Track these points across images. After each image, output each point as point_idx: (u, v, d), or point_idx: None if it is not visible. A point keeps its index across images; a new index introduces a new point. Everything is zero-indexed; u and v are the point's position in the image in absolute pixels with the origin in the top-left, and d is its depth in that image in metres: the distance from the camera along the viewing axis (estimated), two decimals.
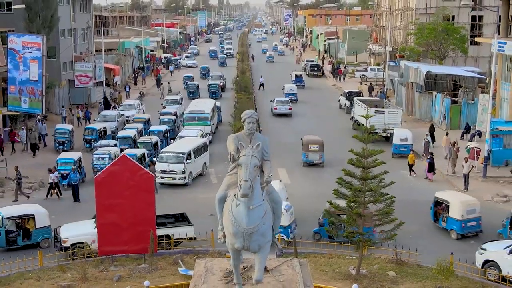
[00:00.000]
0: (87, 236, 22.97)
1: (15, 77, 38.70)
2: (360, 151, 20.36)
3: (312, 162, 37.64)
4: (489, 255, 21.25)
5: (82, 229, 23.63)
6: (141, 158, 33.69)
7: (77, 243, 22.62)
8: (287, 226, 23.59)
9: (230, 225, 11.86)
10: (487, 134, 34.94)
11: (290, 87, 62.14)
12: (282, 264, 13.85)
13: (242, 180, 11.36)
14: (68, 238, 22.96)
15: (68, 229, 23.79)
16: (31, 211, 24.73)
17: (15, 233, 24.11)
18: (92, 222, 23.57)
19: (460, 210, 25.53)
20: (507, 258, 20.62)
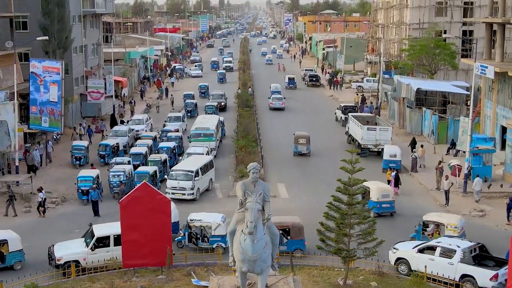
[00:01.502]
0: (79, 254, 26.03)
1: (36, 99, 42.26)
2: (347, 180, 23.83)
3: (301, 152, 47.05)
4: (400, 253, 26.03)
5: (74, 247, 26.54)
6: (153, 175, 37.23)
7: (70, 261, 25.63)
8: (224, 236, 27.21)
9: (239, 254, 15.36)
10: (467, 153, 38.41)
11: (275, 86, 75.23)
12: (279, 281, 17.30)
13: (248, 221, 14.85)
14: (61, 256, 25.84)
15: (61, 248, 26.50)
16: (5, 237, 26.51)
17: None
18: (82, 241, 26.85)
19: (376, 194, 33.01)
20: (415, 256, 25.43)
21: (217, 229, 28.18)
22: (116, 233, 26.27)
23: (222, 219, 28.72)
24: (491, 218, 33.80)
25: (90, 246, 26.22)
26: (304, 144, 47.26)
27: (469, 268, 24.44)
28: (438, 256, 24.87)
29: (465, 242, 25.72)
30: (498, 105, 44.93)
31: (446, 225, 28.35)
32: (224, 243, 27.73)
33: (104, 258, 25.95)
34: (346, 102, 65.62)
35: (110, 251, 26.15)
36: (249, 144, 45.20)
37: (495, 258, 25.43)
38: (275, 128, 57.09)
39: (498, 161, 41.91)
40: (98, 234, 26.53)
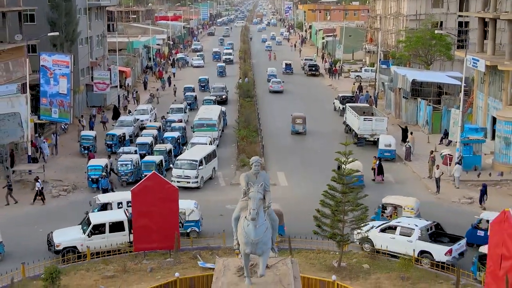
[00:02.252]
0: (77, 241, 27.85)
1: (46, 91, 44.11)
2: (341, 170, 25.75)
3: (298, 131, 52.38)
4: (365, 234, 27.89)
5: (72, 234, 28.34)
6: (159, 164, 39.16)
7: (69, 247, 27.57)
8: (198, 221, 30.06)
9: (243, 237, 17.28)
10: (457, 143, 40.31)
11: (272, 70, 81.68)
12: (278, 262, 19.23)
13: (251, 209, 16.77)
14: (60, 242, 27.70)
15: (60, 235, 28.29)
16: None
17: None
18: (79, 228, 28.71)
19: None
20: (378, 235, 27.76)
21: (191, 215, 30.09)
22: (111, 221, 28.41)
23: (195, 205, 30.69)
24: (479, 205, 35.68)
25: (87, 233, 28.02)
26: (300, 124, 52.51)
27: (426, 245, 27.00)
28: (398, 235, 27.42)
29: (422, 221, 28.42)
30: (490, 97, 46.80)
31: (404, 207, 30.96)
32: (197, 227, 30.06)
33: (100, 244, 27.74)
34: (344, 92, 67.42)
35: (106, 238, 28.02)
36: (250, 134, 47.08)
37: (449, 235, 28.26)
38: (275, 117, 58.88)
39: (489, 150, 43.78)
40: (94, 221, 28.37)
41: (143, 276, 25.20)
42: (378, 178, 39.36)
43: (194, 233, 29.90)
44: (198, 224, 30.16)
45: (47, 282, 23.68)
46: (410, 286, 24.38)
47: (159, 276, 25.02)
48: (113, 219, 28.62)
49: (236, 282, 17.97)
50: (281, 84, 73.99)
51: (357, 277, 24.95)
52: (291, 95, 71.24)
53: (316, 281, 23.02)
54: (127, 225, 28.19)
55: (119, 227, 28.30)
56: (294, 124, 52.74)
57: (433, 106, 52.43)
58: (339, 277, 23.85)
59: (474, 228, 29.59)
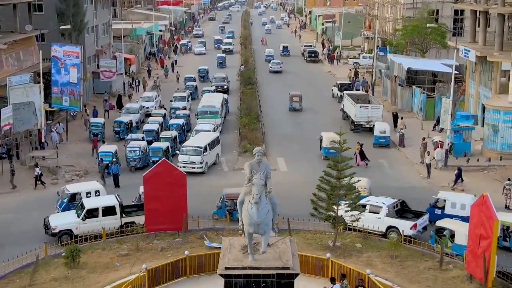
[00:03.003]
0: (72, 224, 29.85)
1: (57, 80, 46.28)
2: (337, 158, 28.03)
3: (295, 108, 58.39)
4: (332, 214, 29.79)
5: (67, 218, 30.38)
6: (166, 150, 41.42)
7: (64, 230, 29.59)
8: None
9: (247, 219, 19.57)
10: (448, 131, 42.55)
11: (269, 51, 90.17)
12: (278, 241, 21.51)
13: (254, 194, 19.04)
14: (56, 226, 29.72)
15: (55, 219, 30.32)
16: None
17: None
18: (74, 212, 30.82)
19: (325, 141, 41.91)
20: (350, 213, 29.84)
21: None
22: (104, 206, 30.51)
23: None
24: (467, 189, 37.88)
25: (81, 216, 30.11)
26: (297, 101, 58.68)
27: (393, 220, 29.97)
28: (368, 212, 30.01)
29: (389, 199, 31.05)
30: (480, 85, 48.97)
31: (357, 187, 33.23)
32: None
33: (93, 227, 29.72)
34: (342, 80, 69.56)
35: (99, 221, 30.10)
36: (252, 121, 49.29)
37: (413, 211, 31.29)
38: (276, 105, 61.07)
39: (479, 136, 45.99)
40: (88, 206, 30.40)
41: (154, 254, 27.54)
42: (361, 163, 41.57)
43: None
44: None
45: (68, 260, 26.09)
46: (398, 264, 26.71)
47: (169, 254, 27.34)
48: (106, 204, 30.69)
49: (241, 258, 20.28)
50: (280, 65, 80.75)
51: (350, 255, 27.28)
52: (291, 81, 73.26)
53: (312, 259, 25.35)
54: (119, 209, 30.46)
55: (111, 211, 30.40)
56: (291, 102, 58.60)
57: (427, 94, 54.56)
58: (334, 255, 26.16)
59: (432, 207, 32.45)
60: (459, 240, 27.42)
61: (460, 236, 27.45)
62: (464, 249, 26.26)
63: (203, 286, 24.28)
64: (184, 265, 25.20)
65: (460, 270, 25.81)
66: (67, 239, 29.31)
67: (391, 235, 29.61)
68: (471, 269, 24.85)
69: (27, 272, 25.78)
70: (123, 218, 30.47)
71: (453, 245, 27.66)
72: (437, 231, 28.52)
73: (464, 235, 26.52)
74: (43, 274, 25.68)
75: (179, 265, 25.09)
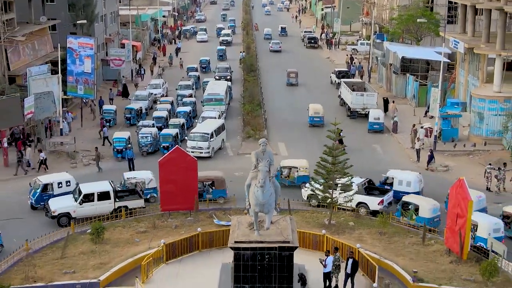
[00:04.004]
0: (70, 207, 32.50)
1: (72, 70, 49.43)
2: (332, 146, 31.35)
3: (292, 83, 66.73)
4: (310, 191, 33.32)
5: (65, 202, 32.92)
6: (175, 136, 44.68)
7: (63, 213, 32.32)
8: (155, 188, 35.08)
9: (253, 200, 22.90)
10: (436, 118, 45.78)
11: (267, 30, 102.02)
12: (280, 219, 24.83)
13: (260, 178, 22.35)
14: (56, 209, 32.37)
15: (55, 203, 32.83)
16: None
17: None
18: (71, 197, 33.30)
19: (311, 111, 51.05)
20: None
21: (149, 183, 35.46)
22: (99, 191, 33.19)
23: (152, 175, 35.72)
24: (453, 172, 41.26)
25: (78, 201, 32.69)
26: (294, 77, 67.14)
27: (362, 197, 33.47)
28: (339, 190, 32.30)
29: (357, 178, 34.09)
30: (469, 74, 52.11)
31: (299, 168, 37.31)
32: (155, 193, 35.25)
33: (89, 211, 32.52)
34: (341, 66, 72.68)
35: (95, 205, 32.82)
36: (254, 108, 52.49)
37: (380, 188, 35.02)
38: (277, 92, 64.28)
39: (467, 122, 49.19)
40: (84, 191, 33.00)
41: (169, 231, 30.91)
42: None
43: (153, 198, 35.31)
44: (156, 190, 35.34)
45: (94, 236, 29.48)
46: (386, 239, 30.11)
47: (183, 231, 30.70)
48: (101, 189, 33.34)
49: (248, 233, 23.64)
50: (280, 44, 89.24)
51: (343, 232, 30.67)
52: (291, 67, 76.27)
53: (309, 235, 28.74)
54: (113, 194, 33.32)
55: (105, 196, 33.09)
56: (288, 78, 67.10)
57: (419, 82, 57.70)
58: (329, 232, 29.55)
59: (382, 184, 36.06)
60: (422, 213, 31.47)
61: (423, 210, 31.51)
62: (426, 221, 30.56)
63: (214, 259, 27.61)
64: (196, 240, 28.58)
65: (440, 245, 29.21)
66: (66, 221, 32.32)
67: (361, 210, 33.25)
68: (449, 244, 28.28)
69: (58, 247, 29.17)
70: (117, 203, 33.37)
71: (417, 218, 31.43)
72: (402, 205, 32.40)
73: (427, 209, 31.21)
74: (72, 248, 29.08)
75: (192, 240, 28.46)
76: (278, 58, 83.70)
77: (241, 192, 25.94)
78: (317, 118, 51.33)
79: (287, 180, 37.25)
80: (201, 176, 34.71)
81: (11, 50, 50.01)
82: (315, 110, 51.72)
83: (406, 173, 36.53)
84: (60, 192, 34.50)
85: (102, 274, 26.25)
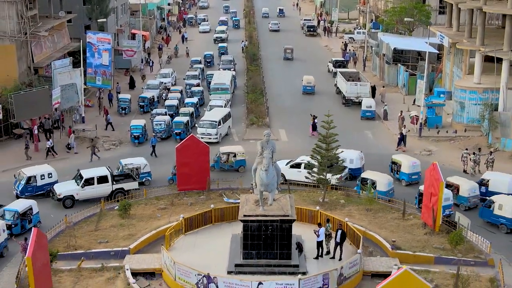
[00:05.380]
0: (73, 191, 37.01)
1: (91, 62, 54.28)
2: (325, 134, 36.32)
3: (288, 57, 78.39)
4: None
5: (69, 186, 37.33)
6: (186, 124, 49.55)
7: (67, 196, 36.91)
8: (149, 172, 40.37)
9: (259, 181, 27.88)
10: (421, 107, 50.65)
11: (265, 9, 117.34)
12: (281, 197, 29.81)
13: (264, 163, 27.34)
14: (61, 193, 36.92)
15: (60, 187, 37.30)
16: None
17: None
18: (74, 181, 37.67)
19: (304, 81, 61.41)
20: (288, 170, 39.61)
21: (144, 168, 40.27)
22: (98, 175, 37.70)
23: (146, 161, 40.85)
24: (435, 156, 46.13)
25: (80, 184, 37.24)
26: (290, 52, 78.79)
27: None
28: (302, 169, 38.26)
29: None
30: (454, 66, 56.87)
31: (236, 153, 42.49)
32: (149, 177, 40.35)
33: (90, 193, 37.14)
34: (337, 55, 77.45)
35: (95, 188, 37.41)
36: (257, 97, 57.32)
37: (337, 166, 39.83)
38: (277, 81, 69.04)
39: (451, 110, 54.01)
40: (85, 176, 37.54)
41: (185, 208, 35.91)
42: (313, 133, 49.82)
43: (147, 181, 40.20)
44: (150, 174, 40.54)
45: (122, 212, 34.52)
46: (371, 215, 35.13)
47: (197, 208, 35.70)
48: (99, 174, 37.92)
49: (254, 209, 28.67)
50: (278, 25, 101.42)
51: (335, 208, 35.70)
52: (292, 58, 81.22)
53: (305, 210, 33.77)
54: (110, 178, 37.85)
55: (104, 180, 37.74)
56: (285, 53, 78.63)
57: (409, 72, 62.45)
58: (322, 208, 34.56)
59: None
60: (380, 187, 37.19)
61: (380, 185, 37.28)
62: (383, 193, 36.77)
63: (225, 230, 32.60)
64: (210, 215, 33.60)
65: (417, 219, 34.28)
66: (70, 203, 36.83)
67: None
68: (425, 218, 33.34)
69: (91, 221, 34.23)
70: (114, 185, 37.96)
71: (375, 192, 36.86)
72: (361, 181, 37.96)
73: (383, 183, 37.11)
74: (103, 222, 34.13)
75: (206, 215, 33.50)
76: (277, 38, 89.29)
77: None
78: (309, 87, 62.99)
79: (227, 165, 42.40)
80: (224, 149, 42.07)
81: (34, 44, 54.71)
82: (308, 80, 63.53)
83: (350, 152, 41.84)
84: (43, 184, 38.24)
85: (131, 243, 31.34)
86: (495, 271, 29.24)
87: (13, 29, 50.95)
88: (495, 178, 37.90)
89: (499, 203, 34.42)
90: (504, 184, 37.21)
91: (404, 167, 40.46)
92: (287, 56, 78.46)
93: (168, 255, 28.69)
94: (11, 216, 33.46)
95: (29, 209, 34.26)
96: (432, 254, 30.55)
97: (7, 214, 33.54)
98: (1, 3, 50.13)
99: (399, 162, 41.02)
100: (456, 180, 37.68)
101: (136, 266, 29.56)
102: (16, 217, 33.44)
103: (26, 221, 33.91)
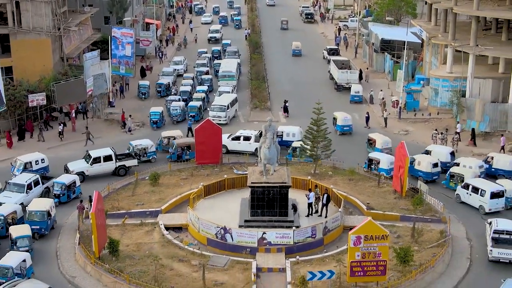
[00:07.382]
0: (84, 168, 44.48)
1: (116, 54, 62.37)
2: (316, 118, 44.66)
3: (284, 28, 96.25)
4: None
5: (80, 164, 44.85)
6: (199, 108, 57.81)
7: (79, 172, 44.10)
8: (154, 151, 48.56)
9: (263, 156, 36.24)
10: (401, 94, 58.89)
11: None
12: (280, 169, 38.09)
13: (267, 143, 35.73)
14: (74, 169, 44.18)
15: (72, 165, 44.68)
16: None
17: None
18: (84, 160, 45.29)
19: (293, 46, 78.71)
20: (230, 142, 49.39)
21: (151, 148, 48.03)
22: (104, 155, 45.26)
23: (151, 142, 48.46)
24: (411, 135, 54.44)
25: (89, 163, 44.81)
26: (285, 24, 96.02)
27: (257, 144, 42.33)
28: (242, 140, 47.87)
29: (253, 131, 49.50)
30: (432, 56, 64.97)
31: (176, 137, 49.27)
32: (155, 156, 48.20)
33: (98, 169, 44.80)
34: (332, 43, 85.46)
35: (102, 165, 44.97)
36: (260, 84, 65.51)
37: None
38: (278, 72, 77.18)
39: (428, 96, 62.14)
40: (93, 155, 44.99)
41: (203, 178, 44.25)
42: (284, 114, 58.42)
43: (154, 159, 47.96)
44: (155, 153, 48.36)
45: (152, 181, 42.98)
46: (353, 184, 43.54)
47: (213, 178, 44.09)
48: (105, 153, 45.47)
49: (259, 178, 37.10)
50: (274, 0, 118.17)
51: (323, 178, 44.10)
52: (290, 40, 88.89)
53: (299, 179, 42.19)
54: (114, 157, 45.51)
55: (109, 159, 45.37)
56: (281, 24, 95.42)
57: (394, 60, 70.52)
58: (313, 178, 42.98)
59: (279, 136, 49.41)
60: (383, 165, 45.02)
61: (383, 163, 45.05)
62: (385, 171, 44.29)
63: (236, 195, 40.91)
64: (223, 183, 42.06)
65: (389, 187, 42.76)
66: (81, 178, 43.50)
67: None
68: (395, 186, 41.84)
69: (128, 189, 42.69)
70: (117, 163, 45.68)
71: (379, 169, 44.90)
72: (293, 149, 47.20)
73: (385, 162, 44.63)
74: (138, 190, 42.61)
75: (221, 183, 41.96)
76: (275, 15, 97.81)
77: None
78: (297, 50, 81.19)
79: (168, 147, 48.93)
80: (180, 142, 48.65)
81: (65, 37, 62.76)
82: (296, 45, 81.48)
83: (291, 127, 51.24)
84: (38, 168, 44.35)
85: (162, 205, 39.83)
86: (446, 226, 37.77)
87: (48, 25, 58.77)
88: (498, 158, 45.98)
89: (418, 160, 44.56)
90: (506, 162, 45.20)
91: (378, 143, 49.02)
92: (283, 27, 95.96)
93: (194, 213, 37.22)
94: (59, 187, 41.71)
95: (73, 182, 42.37)
96: (398, 213, 39.01)
97: (56, 186, 41.81)
98: (39, 2, 57.81)
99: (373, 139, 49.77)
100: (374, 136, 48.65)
101: (167, 222, 38.11)
102: (63, 188, 41.66)
103: (71, 192, 42.06)
